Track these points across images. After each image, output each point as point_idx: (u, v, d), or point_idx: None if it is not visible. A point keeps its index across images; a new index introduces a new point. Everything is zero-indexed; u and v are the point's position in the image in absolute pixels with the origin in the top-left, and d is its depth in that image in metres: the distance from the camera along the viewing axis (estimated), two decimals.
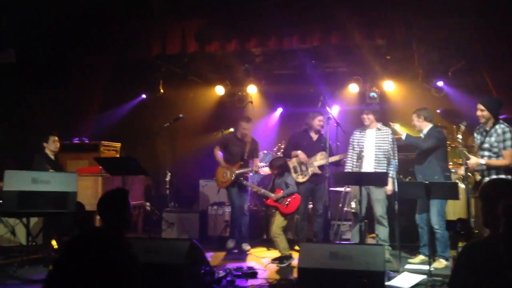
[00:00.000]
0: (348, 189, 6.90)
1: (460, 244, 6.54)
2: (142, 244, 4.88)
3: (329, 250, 4.67)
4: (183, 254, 4.68)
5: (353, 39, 7.47)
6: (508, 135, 5.27)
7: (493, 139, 5.37)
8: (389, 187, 6.18)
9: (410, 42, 7.81)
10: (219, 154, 7.33)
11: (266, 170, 8.48)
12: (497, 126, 5.37)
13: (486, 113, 5.39)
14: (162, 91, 9.34)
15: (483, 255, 2.66)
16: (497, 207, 2.77)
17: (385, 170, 6.18)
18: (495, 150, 5.34)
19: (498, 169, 5.31)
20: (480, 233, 5.34)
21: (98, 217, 6.08)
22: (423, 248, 6.16)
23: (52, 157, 6.79)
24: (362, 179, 5.68)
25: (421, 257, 6.13)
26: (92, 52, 8.05)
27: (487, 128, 5.44)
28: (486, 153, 5.42)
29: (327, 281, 4.48)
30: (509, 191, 2.83)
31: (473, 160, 5.35)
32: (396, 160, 6.22)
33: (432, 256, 5.75)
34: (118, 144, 8.28)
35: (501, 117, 5.93)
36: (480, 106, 5.42)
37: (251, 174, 8.75)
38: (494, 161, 5.33)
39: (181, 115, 6.39)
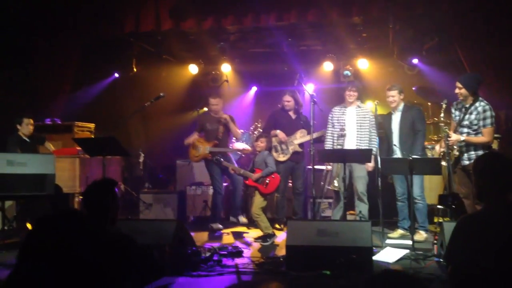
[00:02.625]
0: (329, 167, 6.92)
1: (436, 219, 6.75)
2: (128, 226, 4.80)
3: (316, 227, 4.71)
4: (170, 235, 4.63)
5: (330, 16, 7.45)
6: (488, 113, 5.33)
7: (473, 116, 5.41)
8: (371, 164, 6.25)
9: (386, 19, 7.82)
10: (192, 136, 7.21)
11: (242, 147, 8.47)
12: (477, 104, 5.41)
13: (463, 91, 5.43)
14: (135, 70, 9.11)
15: (478, 228, 2.71)
16: (492, 181, 2.83)
17: (367, 147, 6.26)
18: (475, 127, 5.40)
19: (476, 146, 5.40)
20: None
21: (76, 200, 5.93)
22: (402, 222, 6.26)
23: (26, 139, 6.56)
24: (346, 156, 5.70)
25: (400, 231, 6.24)
26: (62, 28, 7.74)
27: (467, 105, 5.48)
28: (465, 129, 5.47)
29: (316, 258, 4.52)
30: (502, 165, 2.88)
31: (454, 137, 5.41)
32: (377, 137, 6.29)
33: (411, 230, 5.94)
34: (92, 125, 8.07)
35: None
36: (458, 84, 5.47)
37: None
38: (474, 138, 5.40)
39: (162, 94, 6.25)
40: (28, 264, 2.01)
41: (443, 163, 5.50)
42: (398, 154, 6.08)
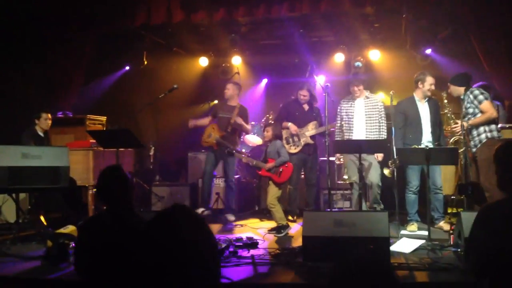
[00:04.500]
0: (341, 161, 6.89)
1: (450, 210, 6.70)
2: (144, 217, 4.78)
3: (333, 218, 4.67)
4: None
5: (343, 6, 7.39)
6: (476, 92, 5.73)
7: (465, 103, 5.82)
8: (381, 154, 6.23)
9: (399, 8, 7.74)
10: (203, 119, 7.29)
11: (254, 140, 8.46)
12: (467, 92, 5.82)
13: (451, 88, 6.00)
14: (146, 62, 9.08)
15: (501, 217, 2.67)
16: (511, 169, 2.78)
17: (377, 138, 6.22)
18: (471, 110, 5.76)
19: (478, 129, 5.69)
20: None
21: (90, 192, 5.93)
22: (415, 215, 6.19)
23: (41, 134, 6.58)
24: (363, 147, 5.65)
25: (416, 224, 6.11)
26: (74, 22, 7.73)
27: (462, 97, 5.90)
28: (466, 118, 5.82)
29: (332, 249, 4.47)
30: None
31: (459, 123, 5.74)
32: (392, 128, 6.23)
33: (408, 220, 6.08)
34: (104, 118, 8.07)
35: (477, 84, 6.19)
36: (448, 84, 6.05)
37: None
38: (477, 119, 5.72)
39: (175, 86, 6.23)
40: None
41: (460, 150, 5.59)
42: (424, 143, 6.01)
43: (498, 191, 2.87)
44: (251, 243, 5.25)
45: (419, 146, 5.88)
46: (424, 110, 6.16)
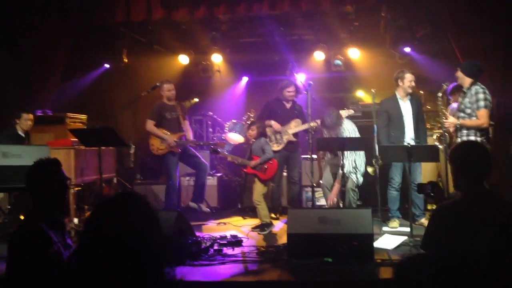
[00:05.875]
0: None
1: (430, 207, 6.82)
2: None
3: (317, 215, 4.72)
4: (171, 225, 4.60)
5: (323, 5, 7.42)
6: (481, 96, 5.46)
7: (466, 99, 5.58)
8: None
9: (379, 7, 7.83)
10: (153, 127, 7.03)
11: (236, 138, 8.47)
12: (472, 87, 5.56)
13: (459, 73, 5.65)
14: (126, 60, 8.99)
15: (455, 217, 2.74)
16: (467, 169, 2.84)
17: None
18: (468, 111, 5.55)
19: (469, 130, 5.53)
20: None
21: (72, 191, 5.85)
22: (397, 212, 6.27)
23: (22, 134, 6.48)
24: (345, 144, 5.66)
25: (397, 221, 6.19)
26: (51, 12, 7.56)
27: (465, 89, 5.65)
28: (461, 114, 5.63)
29: (317, 246, 4.52)
30: (478, 153, 2.90)
31: (450, 120, 5.61)
32: (374, 126, 6.28)
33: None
34: (84, 116, 7.96)
35: (452, 85, 6.16)
36: (457, 68, 5.72)
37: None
38: (468, 121, 5.54)
39: (158, 83, 6.18)
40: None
41: (440, 146, 5.59)
42: (407, 141, 6.06)
43: None
44: (236, 241, 5.26)
45: (402, 144, 5.94)
46: (406, 108, 6.21)
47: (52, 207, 2.96)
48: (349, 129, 6.21)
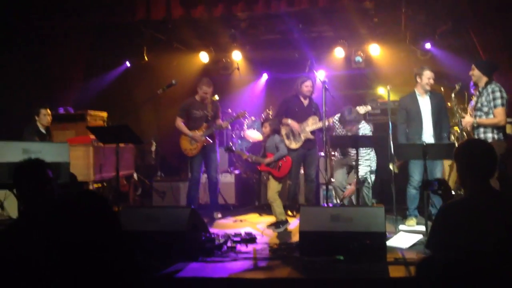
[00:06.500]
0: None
1: None
2: (142, 213, 4.85)
3: (330, 213, 4.70)
4: (185, 221, 4.66)
5: (342, 1, 7.40)
6: (497, 94, 5.43)
7: (483, 98, 5.54)
8: None
9: (399, 3, 7.74)
10: (182, 124, 7.00)
11: (254, 136, 8.49)
12: (488, 86, 5.52)
13: (476, 71, 5.58)
14: (146, 58, 9.10)
15: (459, 215, 2.71)
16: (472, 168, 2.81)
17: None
18: (485, 109, 5.52)
19: (486, 128, 5.50)
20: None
21: (91, 188, 5.98)
22: (415, 210, 6.21)
23: (43, 130, 6.63)
24: (358, 142, 5.65)
25: (415, 219, 6.13)
26: (72, 16, 7.71)
27: (480, 89, 5.59)
28: (478, 112, 5.58)
29: (329, 244, 4.51)
30: (483, 151, 2.87)
31: (467, 119, 5.58)
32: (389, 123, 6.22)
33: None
34: (105, 113, 8.11)
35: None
36: (472, 66, 5.64)
37: (238, 141, 8.72)
38: (485, 120, 5.51)
39: (173, 81, 6.23)
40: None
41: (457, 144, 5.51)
42: (425, 138, 5.98)
43: None
44: (250, 238, 5.30)
45: (420, 141, 5.86)
46: (425, 105, 6.13)
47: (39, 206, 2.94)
48: (366, 129, 6.19)
